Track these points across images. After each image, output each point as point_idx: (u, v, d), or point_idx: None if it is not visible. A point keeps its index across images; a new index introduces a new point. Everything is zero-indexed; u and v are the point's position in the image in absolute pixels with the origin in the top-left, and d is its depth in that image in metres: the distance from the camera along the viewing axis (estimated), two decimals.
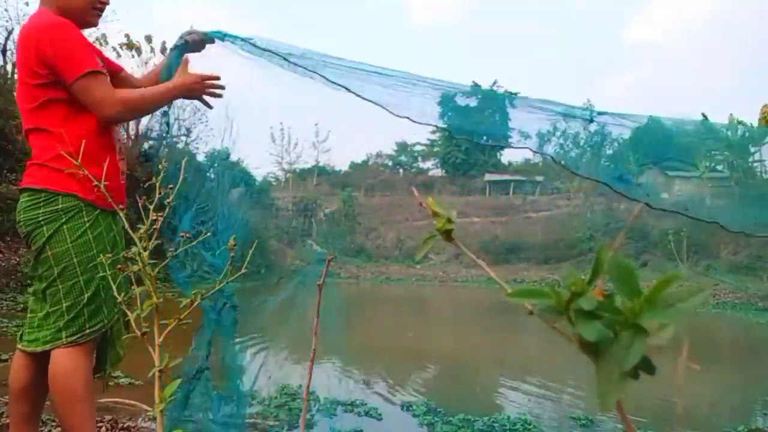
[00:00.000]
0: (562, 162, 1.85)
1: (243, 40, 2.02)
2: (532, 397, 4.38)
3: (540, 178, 33.10)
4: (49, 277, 1.74)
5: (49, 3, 1.81)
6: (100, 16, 1.91)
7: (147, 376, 1.69)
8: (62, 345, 1.72)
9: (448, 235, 0.56)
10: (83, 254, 1.73)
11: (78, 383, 1.72)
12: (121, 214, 1.39)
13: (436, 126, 2.11)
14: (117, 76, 1.98)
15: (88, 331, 1.74)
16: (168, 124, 2.09)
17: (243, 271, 1.19)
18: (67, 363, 1.72)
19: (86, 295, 1.73)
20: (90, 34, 17.04)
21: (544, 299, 0.45)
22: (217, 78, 1.98)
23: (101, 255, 1.67)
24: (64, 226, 1.73)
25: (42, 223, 1.75)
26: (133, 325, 1.23)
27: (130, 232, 1.13)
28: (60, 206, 1.74)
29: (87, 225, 1.75)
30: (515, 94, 2.01)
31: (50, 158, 1.76)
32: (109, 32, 16.49)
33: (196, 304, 1.24)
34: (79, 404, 1.71)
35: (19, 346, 1.81)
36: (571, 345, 0.44)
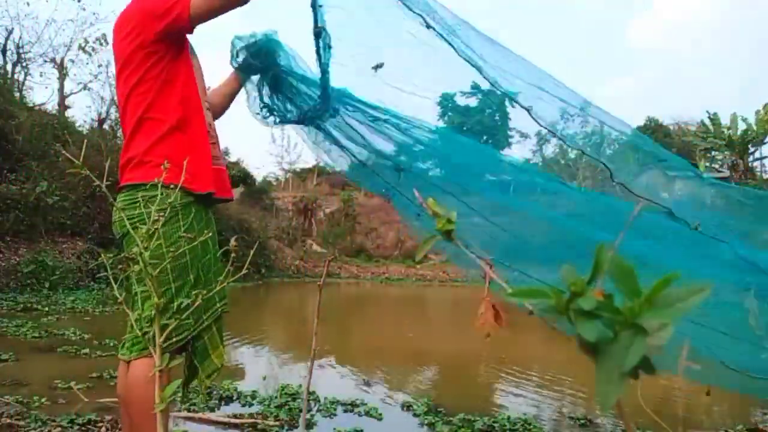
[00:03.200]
0: None
1: None
2: (532, 397, 4.38)
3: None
4: (131, 284, 1.69)
5: None
6: None
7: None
8: (150, 355, 1.66)
9: (448, 235, 0.56)
10: (176, 260, 1.67)
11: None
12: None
13: None
14: None
15: (174, 340, 1.68)
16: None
17: (244, 271, 1.19)
18: (147, 372, 1.66)
19: (176, 303, 1.65)
20: (90, 34, 16.99)
21: (544, 299, 0.45)
22: None
23: (194, 260, 1.66)
24: (159, 230, 1.70)
25: (137, 224, 1.71)
26: (134, 325, 1.23)
27: (132, 232, 1.13)
28: (156, 207, 1.71)
29: (182, 229, 1.71)
30: (515, 94, 2.01)
31: (143, 151, 1.77)
32: (109, 32, 16.48)
33: (196, 305, 1.24)
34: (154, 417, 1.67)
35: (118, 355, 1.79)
36: (571, 344, 0.44)
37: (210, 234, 1.79)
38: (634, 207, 1.59)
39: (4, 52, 15.16)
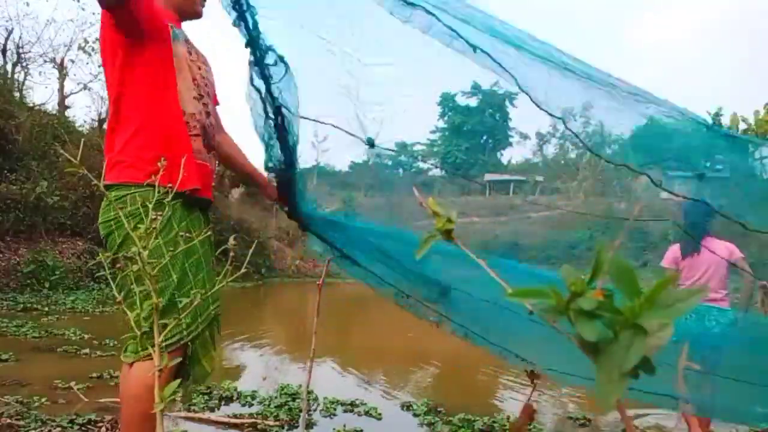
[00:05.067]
0: None
1: None
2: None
3: (540, 178, 33.12)
4: (122, 285, 1.65)
5: None
6: (204, 6, 1.98)
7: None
8: (142, 358, 1.67)
9: (448, 234, 0.56)
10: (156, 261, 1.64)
11: (148, 397, 1.63)
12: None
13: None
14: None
15: (164, 344, 1.68)
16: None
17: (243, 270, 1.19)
18: (140, 374, 1.66)
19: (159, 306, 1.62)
20: (90, 34, 16.96)
21: (544, 299, 0.45)
22: None
23: (176, 261, 1.63)
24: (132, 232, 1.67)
25: (113, 226, 1.70)
26: (133, 324, 1.23)
27: (131, 232, 1.13)
28: (129, 208, 1.66)
29: (159, 229, 1.63)
30: (516, 94, 2.00)
31: (117, 151, 1.74)
32: None
33: (195, 303, 1.24)
34: (148, 420, 1.64)
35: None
36: (571, 344, 0.44)
37: (199, 235, 1.74)
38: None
39: (4, 52, 15.15)
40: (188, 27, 2.00)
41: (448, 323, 2.05)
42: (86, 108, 43.46)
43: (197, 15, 1.99)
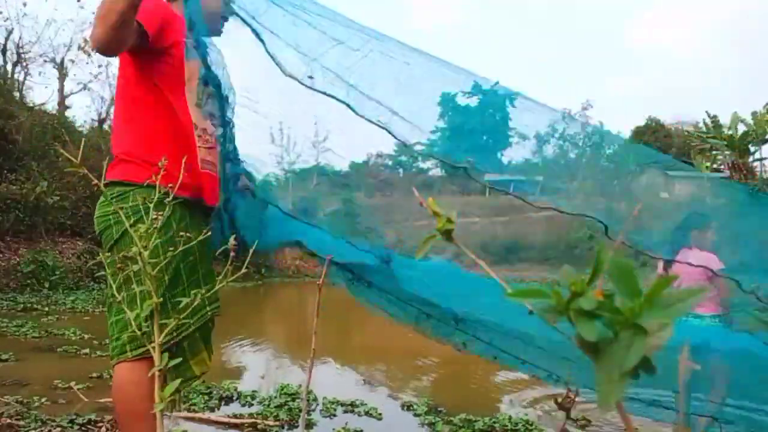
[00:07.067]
0: None
1: None
2: (533, 397, 4.38)
3: (540, 178, 33.15)
4: (119, 285, 1.61)
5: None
6: (224, 24, 1.91)
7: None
8: (129, 359, 1.67)
9: (448, 235, 0.56)
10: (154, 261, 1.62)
11: (140, 398, 1.62)
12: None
13: None
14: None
15: (154, 344, 1.65)
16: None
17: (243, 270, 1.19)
18: (130, 375, 1.66)
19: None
20: (90, 34, 17.00)
21: (544, 299, 0.45)
22: None
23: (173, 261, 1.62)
24: (130, 230, 1.65)
25: (111, 221, 1.70)
26: (133, 324, 1.23)
27: (131, 231, 1.13)
28: (129, 204, 1.65)
29: (156, 227, 1.66)
30: (516, 94, 2.01)
31: (118, 149, 1.77)
32: None
33: (195, 303, 1.24)
34: (140, 421, 1.63)
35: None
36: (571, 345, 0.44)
37: (198, 236, 1.74)
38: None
39: (4, 52, 15.16)
40: None
41: (476, 343, 2.02)
42: (86, 108, 43.41)
43: (217, 32, 1.95)
